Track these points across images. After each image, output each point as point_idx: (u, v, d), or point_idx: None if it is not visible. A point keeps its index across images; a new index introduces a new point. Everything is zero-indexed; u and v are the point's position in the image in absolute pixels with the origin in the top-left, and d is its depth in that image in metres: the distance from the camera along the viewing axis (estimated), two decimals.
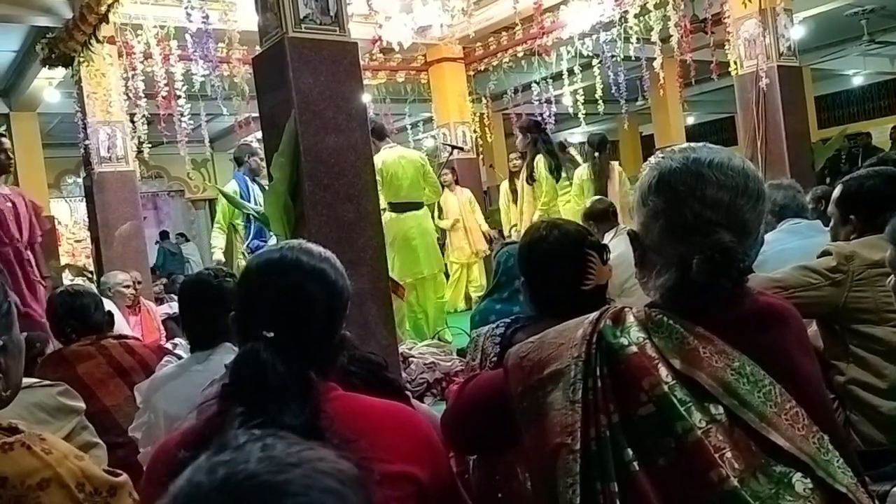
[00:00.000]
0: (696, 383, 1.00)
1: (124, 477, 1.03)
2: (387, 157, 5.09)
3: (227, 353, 2.03)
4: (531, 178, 6.12)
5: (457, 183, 7.57)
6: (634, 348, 1.03)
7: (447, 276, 7.07)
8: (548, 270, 1.72)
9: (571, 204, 5.94)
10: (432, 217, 7.42)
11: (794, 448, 0.97)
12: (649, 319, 1.07)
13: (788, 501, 0.94)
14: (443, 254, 6.47)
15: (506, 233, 7.07)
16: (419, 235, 5.16)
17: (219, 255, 5.26)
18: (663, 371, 1.01)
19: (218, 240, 5.35)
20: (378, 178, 4.94)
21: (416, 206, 5.21)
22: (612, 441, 0.99)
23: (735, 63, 5.75)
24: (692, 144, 1.15)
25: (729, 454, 0.95)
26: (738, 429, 0.98)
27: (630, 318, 1.08)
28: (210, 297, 2.04)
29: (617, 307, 1.12)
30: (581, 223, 3.26)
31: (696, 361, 1.01)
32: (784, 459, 0.96)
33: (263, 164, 5.45)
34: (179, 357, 2.42)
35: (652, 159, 1.15)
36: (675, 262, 1.08)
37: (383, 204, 5.11)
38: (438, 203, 7.34)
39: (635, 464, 0.97)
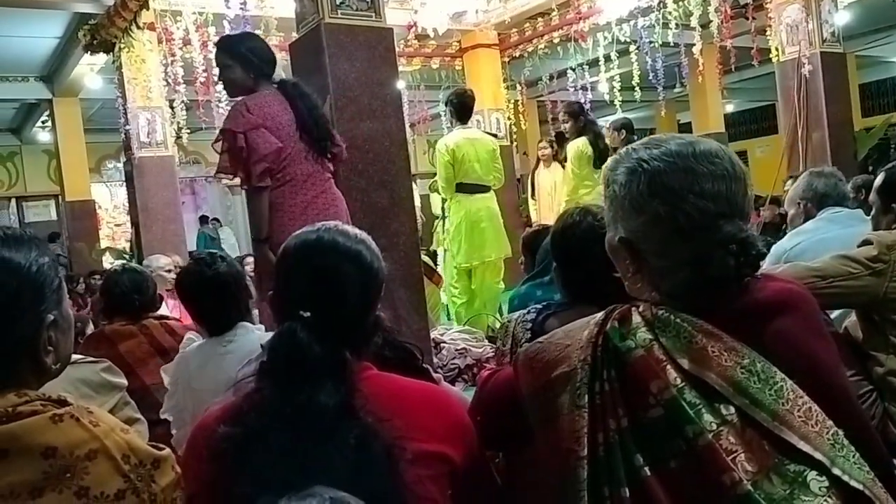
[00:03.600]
0: (705, 384, 0.98)
1: (167, 451, 1.06)
2: (460, 137, 5.05)
3: (249, 333, 2.08)
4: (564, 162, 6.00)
5: (555, 158, 7.02)
6: (641, 351, 1.01)
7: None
8: (580, 256, 1.71)
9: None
10: (526, 194, 7.31)
11: (809, 446, 0.94)
12: (656, 318, 1.05)
13: (804, 502, 0.92)
14: None
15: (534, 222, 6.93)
16: (488, 219, 5.09)
17: None
18: (671, 373, 0.99)
19: None
20: (447, 158, 4.95)
21: (485, 188, 5.15)
22: (621, 446, 0.98)
23: (777, 49, 5.64)
24: (659, 137, 1.11)
25: (741, 456, 0.93)
26: (751, 429, 0.96)
27: (637, 318, 1.05)
28: (208, 287, 2.08)
29: (624, 306, 1.10)
30: None
31: (705, 361, 0.99)
32: (798, 458, 0.94)
33: None
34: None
35: (624, 161, 1.10)
36: (684, 261, 1.05)
37: (443, 186, 5.10)
38: (532, 179, 7.16)
39: (646, 469, 0.96)
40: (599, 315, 1.09)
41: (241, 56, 2.90)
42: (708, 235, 1.03)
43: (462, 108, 5.14)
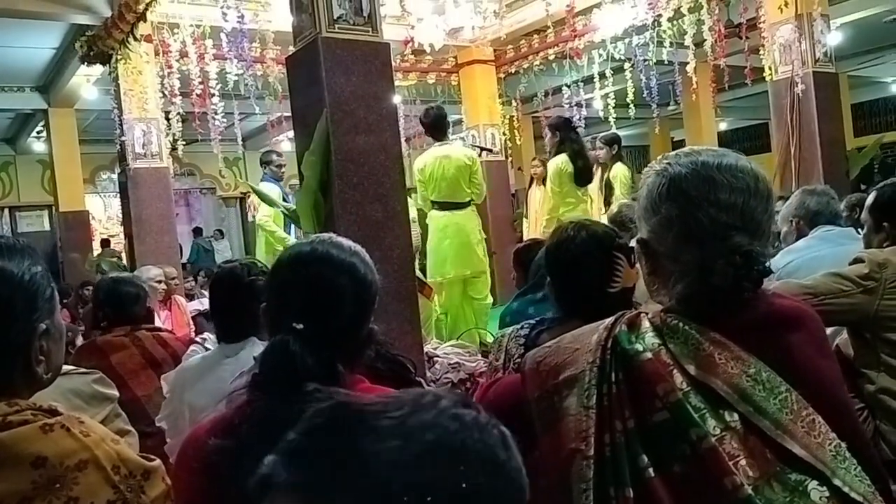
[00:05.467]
0: (711, 390, 0.99)
1: (158, 462, 1.06)
2: (429, 156, 5.09)
3: (255, 348, 2.07)
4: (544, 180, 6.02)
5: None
6: (649, 354, 1.03)
7: None
8: (574, 271, 1.72)
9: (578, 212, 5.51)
10: (521, 210, 7.28)
11: (810, 456, 0.96)
12: (665, 325, 1.06)
13: None
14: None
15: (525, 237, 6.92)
16: (453, 235, 5.06)
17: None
18: (678, 377, 1.01)
19: (274, 226, 5.38)
20: (419, 177, 5.01)
21: (457, 205, 5.12)
22: (626, 447, 0.99)
23: (770, 68, 5.68)
24: (695, 147, 1.15)
25: (743, 461, 0.94)
26: (753, 436, 0.97)
27: (645, 324, 1.07)
28: (240, 291, 2.07)
29: (633, 312, 1.12)
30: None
31: (711, 367, 1.01)
32: (799, 467, 0.95)
33: (281, 171, 5.67)
34: (207, 349, 2.46)
35: (656, 165, 1.14)
36: (692, 268, 1.07)
37: (421, 204, 5.15)
38: (527, 196, 7.20)
39: (650, 470, 0.97)
40: (609, 320, 1.11)
41: None
42: (716, 244, 1.05)
43: (434, 126, 5.15)
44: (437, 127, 5.16)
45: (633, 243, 1.20)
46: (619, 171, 6.28)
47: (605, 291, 1.67)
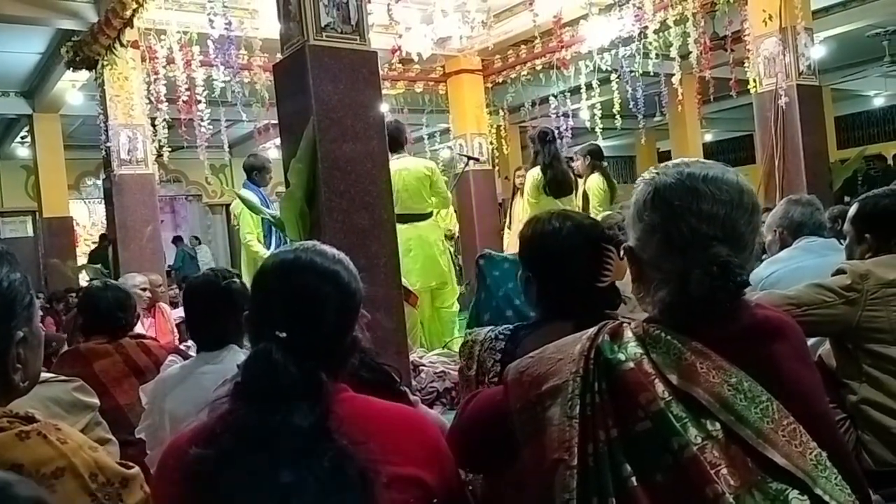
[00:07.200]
0: (693, 399, 1.00)
1: (136, 469, 1.04)
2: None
3: (235, 355, 2.05)
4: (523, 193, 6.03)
5: None
6: (631, 364, 1.04)
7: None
8: (559, 265, 1.61)
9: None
10: (504, 221, 7.30)
11: (791, 465, 0.96)
12: (647, 335, 1.07)
13: None
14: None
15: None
16: (417, 247, 5.09)
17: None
18: (660, 387, 1.01)
19: (259, 247, 5.37)
20: None
21: (419, 217, 5.15)
22: (609, 456, 0.99)
23: (754, 81, 5.73)
24: (685, 160, 1.16)
25: (724, 470, 0.95)
26: (735, 445, 0.97)
27: (628, 334, 1.08)
28: (217, 298, 2.06)
29: (616, 322, 1.13)
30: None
31: (693, 377, 1.01)
32: (780, 476, 0.96)
33: (267, 176, 5.64)
34: (190, 356, 2.44)
35: (645, 175, 1.16)
36: (673, 276, 1.08)
37: None
38: (510, 207, 7.21)
39: (633, 479, 0.97)
40: (592, 330, 1.12)
41: None
42: (696, 254, 1.06)
43: (391, 138, 5.15)
44: (394, 139, 5.15)
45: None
46: (593, 182, 6.23)
47: (592, 286, 1.58)
